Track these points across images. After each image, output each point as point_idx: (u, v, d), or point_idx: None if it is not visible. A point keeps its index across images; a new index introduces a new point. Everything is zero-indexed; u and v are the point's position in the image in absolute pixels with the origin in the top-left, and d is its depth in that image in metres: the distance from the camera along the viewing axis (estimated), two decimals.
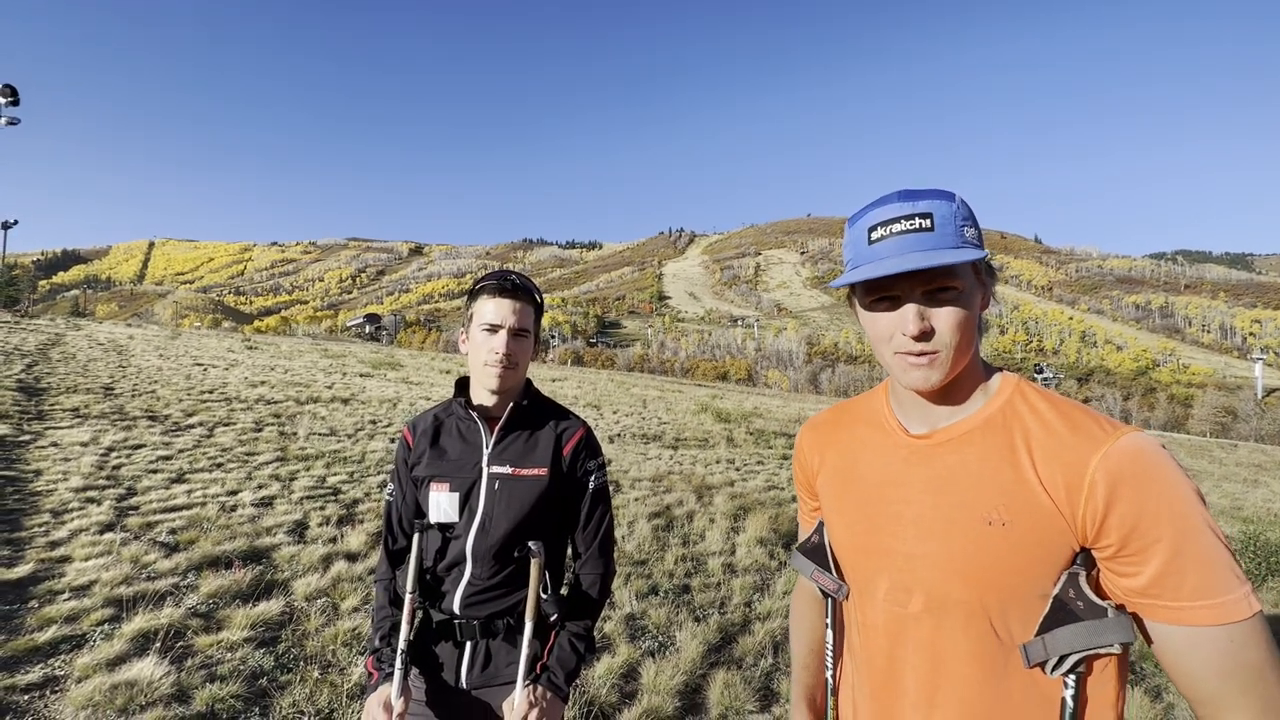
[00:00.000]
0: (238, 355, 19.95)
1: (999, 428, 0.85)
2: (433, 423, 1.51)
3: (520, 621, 1.37)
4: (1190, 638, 0.72)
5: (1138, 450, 0.76)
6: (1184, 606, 0.72)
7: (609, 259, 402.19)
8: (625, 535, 5.46)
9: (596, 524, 1.47)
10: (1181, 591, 0.72)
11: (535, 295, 1.48)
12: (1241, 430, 71.47)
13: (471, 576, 1.38)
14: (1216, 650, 0.71)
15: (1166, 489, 0.74)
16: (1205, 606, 0.71)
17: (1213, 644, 0.71)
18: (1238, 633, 0.71)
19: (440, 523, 1.41)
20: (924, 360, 0.83)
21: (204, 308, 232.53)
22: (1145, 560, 0.73)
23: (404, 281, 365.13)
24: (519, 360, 1.42)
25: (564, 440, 1.46)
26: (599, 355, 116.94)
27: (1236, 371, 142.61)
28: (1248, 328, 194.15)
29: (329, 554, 4.42)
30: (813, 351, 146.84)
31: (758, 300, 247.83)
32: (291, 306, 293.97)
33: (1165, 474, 0.74)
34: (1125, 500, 0.74)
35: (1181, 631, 0.73)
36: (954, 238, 0.81)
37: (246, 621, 3.34)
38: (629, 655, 3.39)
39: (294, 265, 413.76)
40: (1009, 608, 0.80)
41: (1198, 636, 0.72)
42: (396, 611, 1.42)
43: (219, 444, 7.66)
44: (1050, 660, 0.77)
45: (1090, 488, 0.76)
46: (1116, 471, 0.75)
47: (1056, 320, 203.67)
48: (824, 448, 1.06)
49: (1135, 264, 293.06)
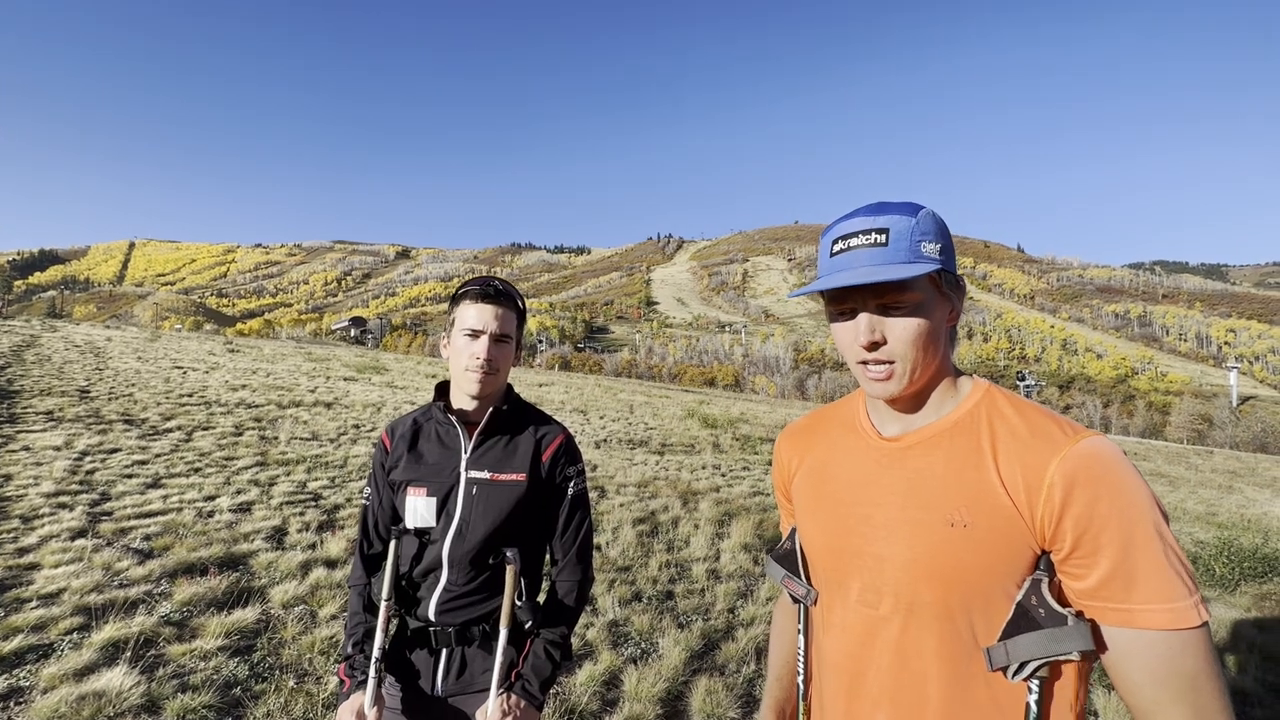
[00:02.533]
0: (219, 358, 19.65)
1: (966, 431, 0.87)
2: (411, 427, 1.50)
3: (496, 628, 1.36)
4: (1133, 641, 0.73)
5: (1095, 454, 0.77)
6: (1132, 609, 0.73)
7: (597, 264, 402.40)
8: (609, 541, 5.44)
9: (575, 530, 1.47)
10: (1130, 594, 0.73)
11: (518, 301, 1.48)
12: (1217, 437, 72.93)
13: (448, 583, 1.37)
14: (1156, 656, 0.72)
15: (1121, 493, 0.75)
16: (1153, 610, 0.72)
17: (1153, 649, 0.72)
18: (1180, 640, 0.71)
19: (417, 528, 1.39)
20: (882, 373, 0.86)
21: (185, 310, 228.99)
22: (1095, 561, 0.75)
23: (390, 285, 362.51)
24: (500, 366, 1.42)
25: (543, 446, 1.46)
26: (586, 360, 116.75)
27: (1212, 380, 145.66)
28: (1223, 337, 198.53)
29: (308, 560, 4.35)
30: (799, 358, 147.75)
31: (745, 306, 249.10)
32: (275, 309, 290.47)
33: (1120, 478, 0.76)
34: (1080, 502, 0.75)
35: (1126, 634, 0.74)
36: (907, 253, 0.83)
37: (221, 630, 3.28)
38: (611, 662, 3.37)
39: (278, 267, 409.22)
40: (974, 609, 0.81)
41: (1140, 640, 0.73)
42: (371, 618, 1.40)
43: (197, 448, 7.52)
44: (1012, 666, 0.78)
45: (1049, 489, 0.77)
46: (1073, 474, 0.76)
47: (1038, 328, 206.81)
48: (801, 452, 1.07)
49: (1115, 274, 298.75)
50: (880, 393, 0.88)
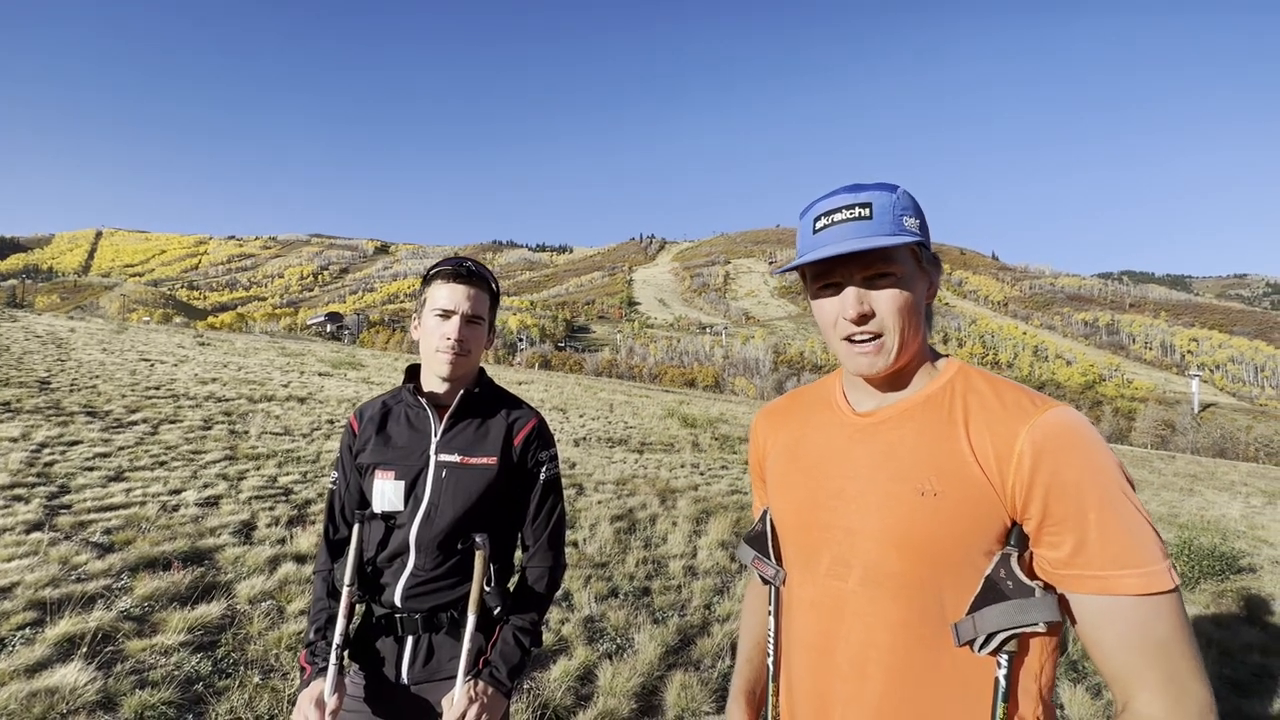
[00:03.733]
0: (189, 351, 19.16)
1: (939, 404, 0.87)
2: (380, 409, 1.46)
3: (464, 615, 1.33)
4: (1108, 608, 0.73)
5: (1064, 423, 0.78)
6: (1106, 575, 0.73)
7: (579, 263, 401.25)
8: (587, 538, 5.41)
9: (546, 516, 1.44)
10: (1104, 559, 0.73)
11: (491, 283, 1.45)
12: (1179, 443, 75.25)
13: (414, 568, 1.34)
14: (1129, 622, 0.72)
15: (1090, 460, 0.76)
16: (1126, 575, 0.72)
17: (1126, 615, 0.72)
18: (1153, 605, 0.72)
19: (384, 512, 1.36)
20: (869, 347, 0.86)
21: (154, 302, 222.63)
22: (1067, 529, 0.75)
23: (368, 280, 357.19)
24: (471, 347, 1.39)
25: (515, 430, 1.43)
26: (567, 359, 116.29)
27: (1175, 387, 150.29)
28: (1186, 346, 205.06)
29: (276, 555, 4.25)
30: (779, 360, 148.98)
31: (726, 308, 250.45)
32: (249, 303, 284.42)
33: (1088, 446, 0.77)
34: (1049, 470, 0.76)
35: (1100, 601, 0.74)
36: (891, 225, 0.84)
37: (184, 625, 3.18)
38: (586, 657, 3.35)
39: (253, 260, 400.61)
40: (943, 581, 0.81)
41: (1115, 606, 0.73)
42: (334, 604, 1.36)
43: (163, 441, 7.32)
44: (979, 639, 0.78)
45: (1019, 458, 0.78)
46: (1042, 442, 0.77)
47: (1011, 335, 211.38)
48: (776, 430, 1.07)
49: (1084, 283, 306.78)
50: (867, 367, 0.87)
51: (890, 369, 0.88)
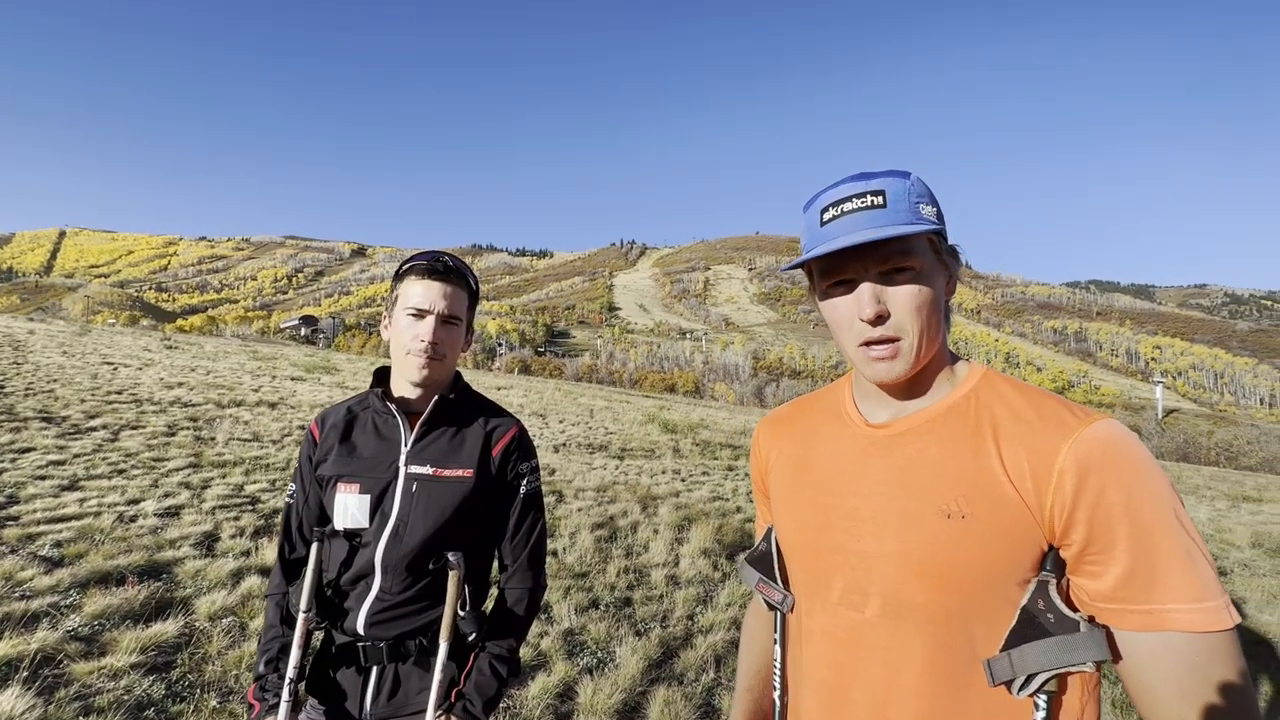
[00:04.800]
0: (154, 355, 18.53)
1: (963, 415, 0.79)
2: (345, 416, 1.35)
3: (434, 642, 1.21)
4: (1158, 647, 0.65)
5: (1110, 438, 0.70)
6: (1156, 610, 0.65)
7: (560, 268, 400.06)
8: (567, 547, 5.28)
9: (527, 533, 1.34)
10: (1153, 593, 0.65)
11: (469, 280, 1.35)
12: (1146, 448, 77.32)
13: (380, 590, 1.22)
14: (1183, 663, 0.64)
15: (1140, 481, 0.68)
16: (1181, 610, 0.64)
17: (1180, 655, 0.64)
18: (1210, 645, 0.63)
19: (347, 529, 1.24)
20: (886, 351, 0.77)
21: (120, 304, 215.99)
22: (1113, 557, 0.67)
23: (344, 283, 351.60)
24: (447, 350, 1.28)
25: (494, 439, 1.32)
26: (547, 364, 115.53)
27: (1140, 393, 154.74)
28: (1150, 353, 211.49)
29: (240, 568, 4.05)
30: (758, 366, 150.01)
31: (706, 314, 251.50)
32: (220, 305, 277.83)
33: (1138, 465, 0.69)
34: (1094, 490, 0.68)
35: (1149, 639, 0.66)
36: (908, 214, 0.76)
37: (136, 645, 2.99)
38: (566, 673, 3.23)
39: (224, 262, 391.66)
40: (972, 613, 0.72)
41: (1166, 645, 0.65)
42: (288, 632, 1.24)
43: (123, 449, 7.00)
44: (1018, 679, 0.69)
45: (1059, 477, 0.69)
46: (1087, 460, 0.69)
47: (984, 342, 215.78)
48: (779, 441, 0.98)
49: (1054, 291, 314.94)
50: (884, 374, 0.79)
51: (909, 374, 0.79)
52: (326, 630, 1.26)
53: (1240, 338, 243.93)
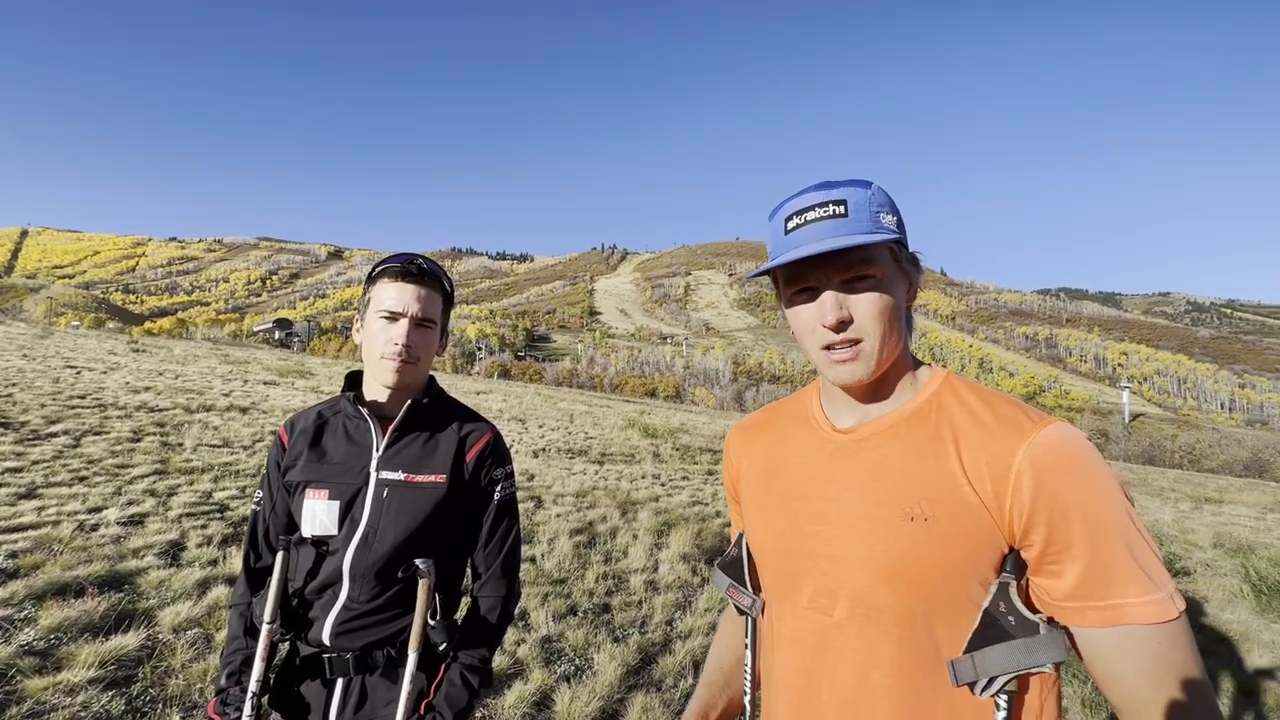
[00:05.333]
0: (120, 358, 18.01)
1: (925, 420, 0.81)
2: (315, 420, 1.32)
3: (403, 652, 1.18)
4: (1122, 640, 0.68)
5: (1064, 441, 0.72)
6: (1114, 605, 0.68)
7: (540, 272, 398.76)
8: (545, 553, 5.24)
9: (500, 540, 1.32)
10: (1111, 589, 0.68)
11: (444, 283, 1.33)
12: (1113, 451, 79.46)
13: (348, 600, 1.19)
14: (1146, 652, 0.67)
15: (1093, 481, 0.70)
16: (1136, 605, 0.67)
17: (1143, 645, 0.67)
18: (1168, 633, 0.67)
19: (315, 536, 1.21)
20: (848, 354, 0.79)
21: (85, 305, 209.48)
22: (1072, 556, 0.70)
23: (320, 286, 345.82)
24: (421, 354, 1.26)
25: (468, 445, 1.30)
26: (527, 369, 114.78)
27: (1108, 398, 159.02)
28: (1117, 359, 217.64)
29: (206, 578, 3.94)
30: (738, 371, 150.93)
31: (687, 319, 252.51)
32: (191, 308, 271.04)
33: (1091, 466, 0.71)
34: (1051, 492, 0.70)
35: (1112, 634, 0.69)
36: (868, 223, 0.78)
37: (95, 659, 2.88)
38: (543, 681, 3.19)
39: (195, 264, 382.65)
40: (936, 614, 0.74)
41: (1130, 637, 0.68)
42: (252, 643, 1.20)
43: (86, 455, 6.77)
44: (980, 681, 0.71)
45: (1017, 479, 0.72)
46: (1042, 462, 0.71)
47: (959, 348, 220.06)
48: (750, 446, 0.99)
49: (1025, 299, 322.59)
50: (847, 377, 0.80)
51: (872, 378, 0.81)
52: (291, 641, 1.23)
53: (1202, 344, 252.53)
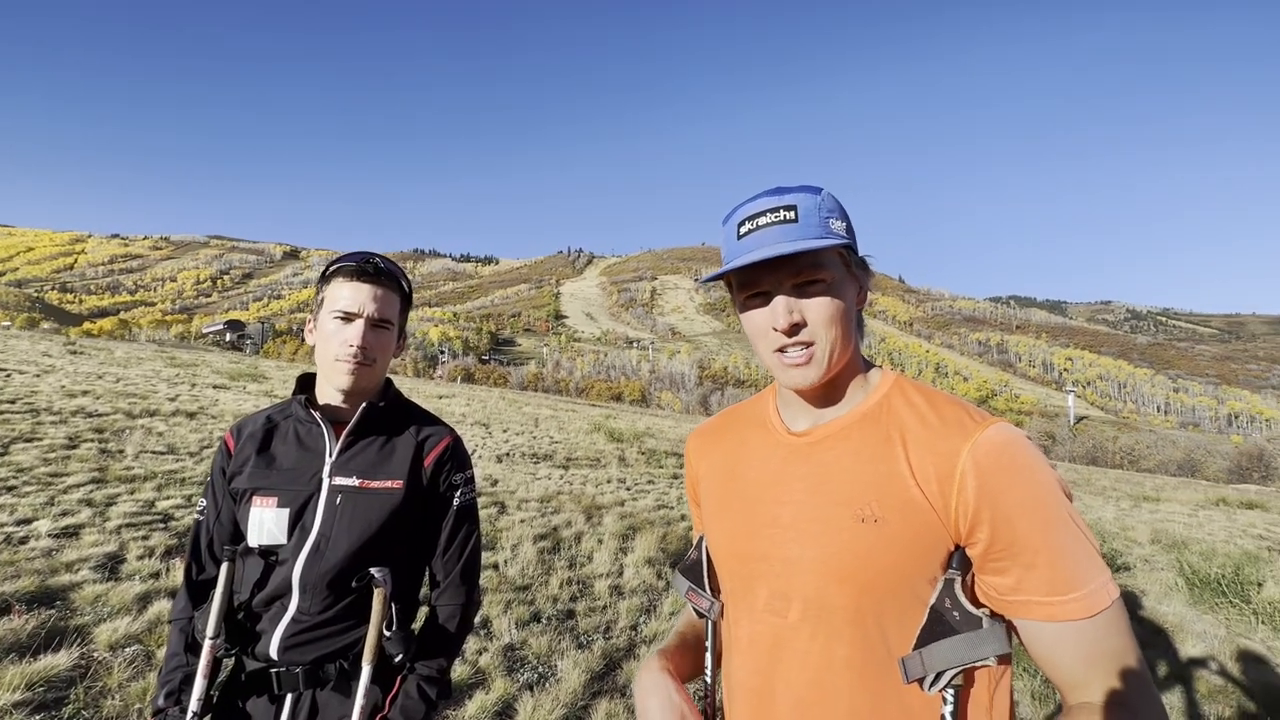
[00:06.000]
0: (56, 360, 17.03)
1: (876, 421, 0.82)
2: (264, 425, 1.26)
3: (357, 665, 1.14)
4: (1059, 632, 0.71)
5: (1006, 440, 0.75)
6: (1053, 602, 0.71)
7: (506, 275, 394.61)
8: (508, 559, 5.15)
9: (460, 547, 1.28)
10: (1051, 585, 0.71)
11: (402, 283, 1.29)
12: (1059, 452, 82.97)
13: (297, 612, 1.14)
14: (1085, 641, 0.70)
15: (1033, 480, 0.73)
16: (1072, 600, 0.70)
17: (1082, 635, 0.70)
18: (1102, 622, 0.70)
19: (262, 546, 1.15)
20: (801, 358, 0.81)
21: (16, 304, 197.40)
22: (1014, 554, 0.72)
23: (275, 287, 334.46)
24: (377, 356, 1.22)
25: (426, 449, 1.27)
26: (491, 373, 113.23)
27: (1054, 402, 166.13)
28: (1063, 364, 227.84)
29: (147, 592, 3.74)
30: (704, 375, 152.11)
31: (653, 324, 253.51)
32: (134, 308, 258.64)
33: (1031, 465, 0.74)
34: (993, 492, 0.72)
35: (1051, 627, 0.71)
36: (817, 228, 0.80)
37: (21, 680, 2.69)
38: (505, 690, 3.13)
39: (140, 262, 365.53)
40: (887, 613, 0.76)
41: (1066, 630, 0.71)
42: (193, 660, 1.14)
43: (14, 463, 6.36)
44: (928, 676, 0.73)
45: (961, 478, 0.74)
46: (985, 462, 0.73)
47: (916, 353, 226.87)
48: (709, 451, 1.00)
49: (978, 306, 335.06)
50: (800, 380, 0.82)
51: (823, 380, 0.82)
52: (237, 657, 1.17)
53: (1140, 350, 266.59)
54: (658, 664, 0.91)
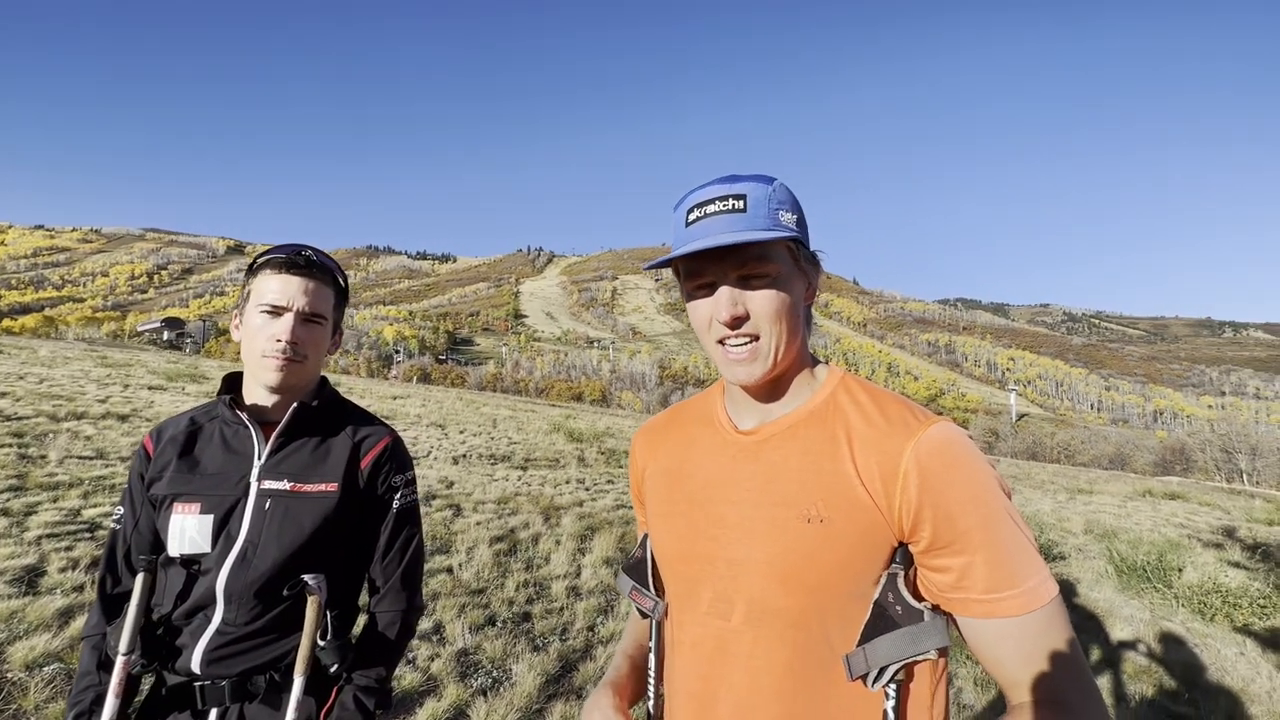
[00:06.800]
0: None
1: (822, 420, 0.82)
2: (187, 427, 1.19)
3: (289, 676, 1.09)
4: (1000, 629, 0.72)
5: (947, 439, 0.75)
6: (992, 599, 0.71)
7: (463, 273, 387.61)
8: (463, 563, 5.05)
9: (400, 551, 1.24)
10: (991, 583, 0.71)
11: (336, 277, 1.24)
12: (1002, 448, 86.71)
13: (222, 623, 1.08)
14: (1025, 636, 0.71)
15: (973, 480, 0.74)
16: (1011, 597, 0.71)
17: (1022, 630, 0.71)
18: (1041, 618, 0.71)
19: (184, 554, 1.09)
20: (744, 353, 0.79)
21: None
22: (955, 552, 0.73)
23: (218, 283, 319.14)
24: (308, 352, 1.17)
25: (363, 450, 1.22)
26: (449, 373, 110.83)
27: (998, 400, 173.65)
28: (1005, 364, 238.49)
29: (70, 606, 3.51)
30: (664, 375, 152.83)
31: (614, 323, 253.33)
32: (61, 304, 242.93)
33: (972, 464, 0.74)
34: (935, 490, 0.73)
35: (991, 623, 0.72)
36: (765, 219, 0.78)
37: None
38: (458, 696, 3.07)
39: (67, 255, 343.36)
40: (830, 613, 0.76)
41: (1006, 627, 0.71)
42: (106, 677, 1.06)
43: None
44: (871, 672, 0.73)
45: (904, 477, 0.74)
46: (927, 461, 0.74)
47: (870, 353, 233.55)
48: (655, 449, 0.98)
49: (928, 308, 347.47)
50: (743, 375, 0.80)
51: (768, 376, 0.81)
52: (157, 672, 1.10)
53: (1075, 351, 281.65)
54: (609, 701, 0.89)
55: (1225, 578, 6.23)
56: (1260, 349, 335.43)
